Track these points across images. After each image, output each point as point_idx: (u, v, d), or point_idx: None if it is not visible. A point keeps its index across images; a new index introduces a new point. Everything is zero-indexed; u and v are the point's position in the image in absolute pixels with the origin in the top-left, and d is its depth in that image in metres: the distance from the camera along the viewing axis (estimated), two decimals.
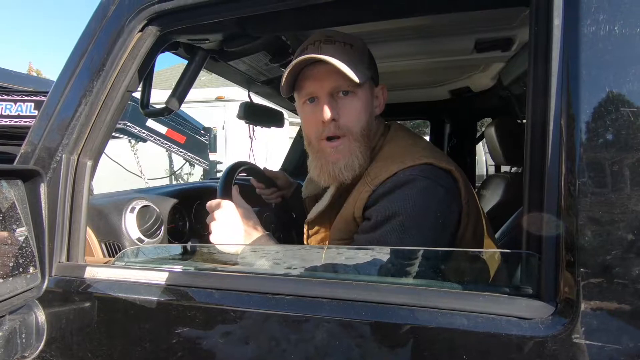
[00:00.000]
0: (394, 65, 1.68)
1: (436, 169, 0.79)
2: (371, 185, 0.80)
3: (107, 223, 0.96)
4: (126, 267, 0.72)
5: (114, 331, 0.69)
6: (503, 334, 0.50)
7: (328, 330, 0.56)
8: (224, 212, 0.84)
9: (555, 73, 0.52)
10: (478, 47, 1.36)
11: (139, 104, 0.97)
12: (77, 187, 0.76)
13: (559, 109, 0.51)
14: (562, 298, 0.49)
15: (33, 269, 0.66)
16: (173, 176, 4.98)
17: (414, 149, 0.84)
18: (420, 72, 1.83)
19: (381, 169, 0.81)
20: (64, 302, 0.73)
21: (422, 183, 0.76)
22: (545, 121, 0.52)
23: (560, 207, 0.50)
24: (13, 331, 0.66)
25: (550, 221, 0.50)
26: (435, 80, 2.03)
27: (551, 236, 0.50)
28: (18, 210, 0.65)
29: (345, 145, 0.85)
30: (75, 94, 0.76)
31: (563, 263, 0.49)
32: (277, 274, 0.65)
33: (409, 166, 0.78)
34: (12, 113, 3.18)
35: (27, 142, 0.78)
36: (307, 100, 0.87)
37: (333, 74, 0.81)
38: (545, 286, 0.50)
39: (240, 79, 1.41)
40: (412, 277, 0.58)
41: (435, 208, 0.76)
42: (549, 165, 0.51)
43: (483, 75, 1.86)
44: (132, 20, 0.74)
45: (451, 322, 0.51)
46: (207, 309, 0.62)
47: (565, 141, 0.50)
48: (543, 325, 0.49)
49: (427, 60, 1.63)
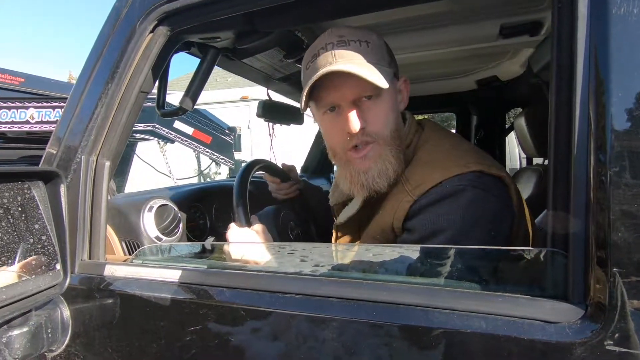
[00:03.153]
0: (415, 57, 1.62)
1: (486, 176, 0.71)
2: (412, 195, 0.73)
3: (126, 222, 0.99)
4: (143, 265, 0.73)
5: (131, 327, 0.70)
6: (525, 339, 0.46)
7: (337, 331, 0.54)
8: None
9: (582, 52, 0.47)
10: (503, 32, 1.29)
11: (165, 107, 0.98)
12: (96, 187, 0.78)
13: (586, 93, 0.46)
14: (593, 300, 0.44)
15: (56, 266, 0.68)
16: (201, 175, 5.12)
17: (457, 153, 0.76)
18: (444, 62, 1.76)
19: (423, 177, 0.73)
20: (87, 299, 0.75)
21: (472, 194, 0.69)
22: (570, 107, 0.48)
23: (590, 200, 0.45)
24: (39, 326, 0.69)
25: (579, 215, 0.46)
26: (460, 70, 1.94)
27: (579, 232, 0.46)
28: (41, 210, 0.68)
29: (375, 151, 0.77)
30: (92, 97, 0.78)
31: (593, 261, 0.45)
32: (287, 272, 0.63)
33: (455, 174, 0.70)
34: (52, 119, 3.37)
35: (50, 144, 0.81)
36: (328, 110, 0.80)
37: (354, 81, 0.73)
38: (573, 287, 0.46)
39: (257, 77, 1.41)
40: (426, 277, 0.55)
41: (487, 221, 0.69)
42: (575, 154, 0.47)
43: (511, 63, 1.77)
44: (143, 22, 0.75)
45: (468, 325, 0.48)
46: (218, 306, 0.62)
47: (594, 129, 0.45)
48: (571, 330, 0.45)
49: (450, 49, 1.56)
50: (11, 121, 3.29)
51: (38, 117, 3.29)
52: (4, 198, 0.61)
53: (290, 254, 0.72)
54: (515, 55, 1.70)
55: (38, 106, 3.28)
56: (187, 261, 0.76)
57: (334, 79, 0.75)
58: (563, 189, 0.48)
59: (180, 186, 1.39)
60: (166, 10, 0.73)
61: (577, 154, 0.47)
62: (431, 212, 0.70)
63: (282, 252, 0.79)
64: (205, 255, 0.79)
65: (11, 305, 0.60)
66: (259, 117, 1.58)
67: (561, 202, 0.48)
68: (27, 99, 3.47)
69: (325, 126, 0.83)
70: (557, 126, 0.49)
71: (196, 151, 3.73)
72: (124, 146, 0.83)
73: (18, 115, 3.35)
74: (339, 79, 0.75)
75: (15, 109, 3.31)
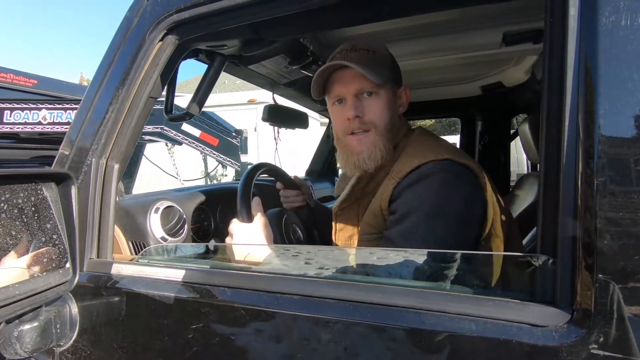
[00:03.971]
0: (420, 63, 1.64)
1: (456, 164, 0.82)
2: (396, 179, 0.85)
3: (133, 222, 1.02)
4: (148, 265, 0.76)
5: (136, 325, 0.73)
6: (513, 341, 0.47)
7: (333, 332, 0.56)
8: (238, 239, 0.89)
9: (572, 65, 0.49)
10: (506, 40, 1.30)
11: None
12: (105, 188, 0.81)
13: (576, 103, 0.48)
14: (579, 305, 0.46)
15: (65, 264, 0.71)
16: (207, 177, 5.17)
17: (434, 147, 0.89)
18: (449, 68, 1.78)
19: (405, 164, 0.86)
20: (94, 296, 0.78)
21: (445, 176, 0.80)
22: (560, 116, 0.49)
23: (577, 207, 0.47)
24: (49, 321, 0.72)
25: (567, 222, 0.47)
26: (465, 76, 1.96)
27: (567, 238, 0.47)
28: (52, 210, 0.71)
29: (369, 138, 0.92)
30: (103, 102, 0.81)
31: (580, 267, 0.46)
32: (285, 273, 0.65)
33: (430, 160, 0.82)
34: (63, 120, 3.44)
35: (63, 147, 0.85)
36: (336, 101, 0.96)
37: (357, 78, 0.90)
38: (560, 292, 0.47)
39: (263, 82, 1.44)
40: (419, 279, 0.57)
41: (459, 200, 0.79)
42: (564, 162, 0.48)
43: (515, 70, 1.78)
44: (152, 31, 0.78)
45: (459, 327, 0.50)
46: (219, 306, 0.64)
47: (582, 137, 0.47)
48: (557, 334, 0.46)
49: (454, 56, 1.58)
50: (24, 122, 3.37)
51: (50, 118, 3.37)
52: (19, 198, 0.64)
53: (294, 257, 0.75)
54: (519, 62, 1.71)
55: (50, 107, 3.35)
56: (190, 261, 0.79)
57: (342, 77, 0.92)
58: (552, 195, 0.49)
59: (186, 188, 1.42)
60: (175, 20, 0.76)
61: (567, 162, 0.48)
62: (409, 193, 0.81)
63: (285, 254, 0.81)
64: (208, 256, 0.81)
65: (23, 301, 0.63)
66: (265, 121, 1.61)
67: (550, 208, 0.49)
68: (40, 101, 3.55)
69: (333, 115, 0.99)
70: (548, 134, 0.51)
71: (203, 153, 3.78)
72: (132, 150, 0.86)
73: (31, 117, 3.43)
74: (345, 76, 0.92)
75: (28, 110, 3.39)
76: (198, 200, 1.24)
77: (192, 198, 1.24)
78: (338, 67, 0.92)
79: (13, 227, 0.63)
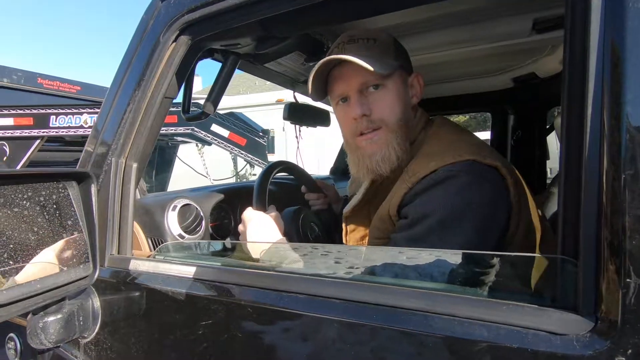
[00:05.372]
0: (446, 55, 1.57)
1: (480, 165, 0.73)
2: (408, 183, 0.76)
3: (152, 220, 1.05)
4: (163, 261, 0.78)
5: (152, 320, 0.75)
6: (529, 350, 0.43)
7: (338, 332, 0.54)
8: (250, 224, 0.88)
9: (595, 47, 0.44)
10: (537, 27, 1.22)
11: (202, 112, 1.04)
12: (125, 187, 0.84)
13: (600, 89, 0.43)
14: (604, 312, 0.41)
15: (87, 260, 0.74)
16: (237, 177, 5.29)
17: (457, 145, 0.78)
18: (476, 60, 1.69)
19: (420, 166, 0.76)
20: (115, 291, 0.81)
21: (465, 179, 0.71)
22: (582, 104, 0.45)
23: (602, 203, 0.42)
24: (72, 314, 0.76)
25: (590, 220, 0.43)
26: (495, 68, 1.86)
27: (590, 238, 0.43)
28: (74, 208, 0.74)
29: (380, 136, 0.84)
30: (121, 103, 0.84)
31: (605, 271, 0.42)
32: (293, 272, 0.65)
33: (449, 163, 0.73)
34: None
35: (86, 147, 0.89)
36: (340, 100, 0.88)
37: (357, 71, 0.81)
38: (583, 297, 0.43)
39: (282, 81, 1.44)
40: (427, 281, 0.54)
41: (479, 206, 0.70)
42: (587, 154, 0.44)
43: (550, 59, 1.67)
44: (166, 32, 0.80)
45: (468, 332, 0.46)
46: (227, 303, 0.65)
47: (607, 129, 0.42)
48: (579, 343, 0.42)
49: (482, 46, 1.50)
50: (68, 126, 3.60)
51: (91, 122, 3.57)
52: (41, 196, 0.67)
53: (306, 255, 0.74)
54: (554, 51, 1.60)
55: (91, 112, 3.56)
56: (203, 258, 0.80)
57: (342, 72, 0.84)
58: (574, 191, 0.45)
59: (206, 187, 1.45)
60: (187, 21, 0.77)
61: (590, 154, 0.44)
62: (424, 197, 0.73)
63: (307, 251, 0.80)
64: (222, 253, 0.82)
65: (46, 294, 0.67)
66: (286, 119, 1.61)
67: (571, 206, 0.45)
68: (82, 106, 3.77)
69: (338, 116, 0.91)
70: (569, 125, 0.47)
71: (232, 153, 3.87)
72: (151, 149, 0.89)
73: (74, 121, 3.65)
74: (344, 71, 0.83)
75: (71, 115, 3.62)
76: (217, 198, 1.26)
77: (211, 196, 1.26)
78: (337, 63, 0.83)
79: (35, 224, 0.66)
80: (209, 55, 0.98)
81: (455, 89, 2.09)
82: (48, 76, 4.94)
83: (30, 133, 3.60)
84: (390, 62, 0.83)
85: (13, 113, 3.58)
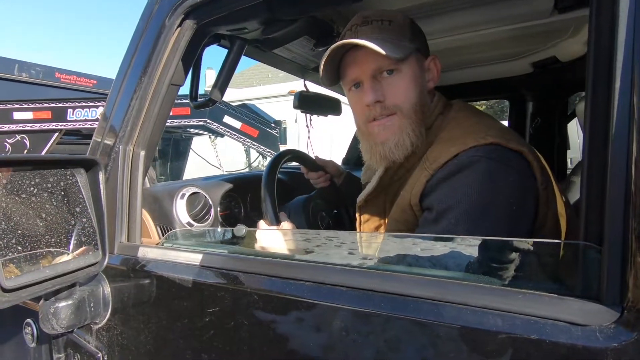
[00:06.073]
0: (461, 39, 1.51)
1: (504, 149, 0.69)
2: (429, 170, 0.73)
3: (161, 208, 1.05)
4: (171, 248, 0.78)
5: (160, 306, 0.75)
6: (547, 341, 0.41)
7: (344, 321, 0.53)
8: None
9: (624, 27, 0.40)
10: (559, 5, 1.15)
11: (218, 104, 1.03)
12: (133, 174, 0.84)
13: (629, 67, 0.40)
14: (630, 302, 0.38)
15: (96, 247, 0.75)
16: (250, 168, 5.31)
17: (478, 128, 0.75)
18: (494, 43, 1.62)
19: (441, 152, 0.73)
20: (125, 278, 0.81)
21: (489, 165, 0.67)
22: (610, 85, 0.41)
23: (629, 188, 0.39)
24: (82, 300, 0.76)
25: (616, 205, 0.40)
26: (513, 52, 1.78)
27: (616, 223, 0.39)
28: (82, 195, 0.75)
29: (394, 122, 0.81)
30: (128, 90, 0.83)
31: (633, 259, 0.38)
32: (300, 259, 0.63)
33: (471, 146, 0.69)
34: None
35: (95, 135, 0.89)
36: (353, 86, 0.86)
37: (371, 56, 0.77)
38: (607, 286, 0.40)
39: (292, 68, 1.41)
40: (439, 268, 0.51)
41: (506, 193, 0.67)
42: (613, 137, 0.40)
43: (572, 42, 1.58)
44: (171, 17, 0.78)
45: (481, 322, 0.44)
46: (234, 290, 0.64)
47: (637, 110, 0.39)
48: (602, 335, 0.39)
49: (500, 28, 1.43)
50: (84, 119, 3.67)
51: None
52: (49, 183, 0.68)
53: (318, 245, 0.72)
54: (577, 33, 1.52)
55: None
56: (210, 246, 0.79)
57: (355, 56, 0.81)
58: (598, 175, 0.42)
59: (216, 176, 1.45)
60: (191, 4, 0.76)
61: (616, 138, 0.40)
62: (446, 186, 0.69)
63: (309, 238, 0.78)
64: (230, 241, 0.81)
65: (56, 279, 0.67)
66: (296, 108, 1.59)
67: (595, 191, 0.42)
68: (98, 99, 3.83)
69: (351, 102, 0.88)
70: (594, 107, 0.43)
71: (244, 144, 3.88)
72: (158, 137, 0.88)
73: (90, 114, 3.72)
74: (357, 56, 0.80)
75: (88, 108, 3.68)
76: (226, 187, 1.26)
77: (220, 185, 1.25)
78: (350, 47, 0.79)
79: (43, 210, 0.66)
80: (215, 41, 0.96)
81: (471, 76, 2.02)
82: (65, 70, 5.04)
83: (49, 126, 3.68)
84: (406, 45, 0.79)
85: (32, 107, 3.67)
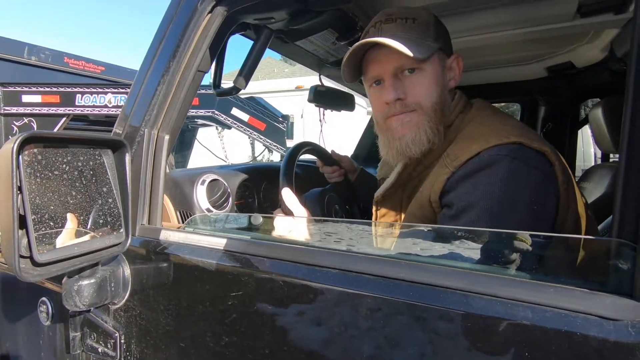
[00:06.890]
0: (480, 39, 1.51)
1: (528, 149, 0.69)
2: (450, 167, 0.73)
3: (181, 193, 1.06)
4: (194, 232, 0.78)
5: (181, 289, 0.76)
6: (578, 334, 0.42)
7: (371, 308, 0.53)
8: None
9: None
10: (582, 10, 1.15)
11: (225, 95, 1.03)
12: (157, 158, 0.84)
13: None
14: None
15: (119, 227, 0.76)
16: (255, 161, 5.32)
17: (500, 127, 0.75)
18: (511, 46, 1.62)
19: (462, 150, 0.73)
20: (145, 260, 0.82)
21: (511, 165, 0.67)
22: None
23: None
24: (104, 279, 0.77)
25: None
26: (530, 55, 1.79)
27: None
28: (109, 175, 0.75)
29: (412, 118, 0.81)
30: (155, 74, 0.84)
31: None
32: (324, 247, 0.64)
33: (494, 145, 0.69)
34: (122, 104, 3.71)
35: (120, 118, 0.89)
36: (374, 83, 0.87)
37: (394, 54, 0.78)
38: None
39: (310, 61, 1.42)
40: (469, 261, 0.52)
41: (528, 193, 0.67)
42: None
43: (590, 47, 1.59)
44: (203, 2, 0.79)
45: (511, 313, 0.45)
46: (257, 275, 0.65)
47: None
48: (634, 330, 0.40)
49: (519, 31, 1.43)
50: (92, 105, 3.67)
51: (115, 102, 3.64)
52: (79, 162, 0.68)
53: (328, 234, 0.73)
54: (595, 38, 1.52)
55: (115, 92, 3.62)
56: (232, 231, 0.80)
57: (378, 54, 0.82)
58: (635, 174, 0.42)
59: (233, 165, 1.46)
60: None
61: None
62: (468, 184, 0.69)
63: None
64: (250, 227, 0.82)
65: (81, 257, 0.68)
66: (310, 102, 1.60)
67: (633, 187, 0.42)
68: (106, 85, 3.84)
69: (371, 98, 0.90)
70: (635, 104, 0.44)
71: (251, 137, 3.88)
72: (182, 122, 0.89)
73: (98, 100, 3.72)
74: (380, 54, 0.81)
75: (96, 94, 3.69)
76: (243, 176, 1.27)
77: (237, 174, 1.26)
78: (372, 45, 0.80)
79: (74, 188, 0.67)
80: (241, 30, 0.97)
81: (485, 78, 2.02)
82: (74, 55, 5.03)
83: (56, 111, 3.69)
84: (430, 44, 0.80)
85: (41, 90, 3.67)
